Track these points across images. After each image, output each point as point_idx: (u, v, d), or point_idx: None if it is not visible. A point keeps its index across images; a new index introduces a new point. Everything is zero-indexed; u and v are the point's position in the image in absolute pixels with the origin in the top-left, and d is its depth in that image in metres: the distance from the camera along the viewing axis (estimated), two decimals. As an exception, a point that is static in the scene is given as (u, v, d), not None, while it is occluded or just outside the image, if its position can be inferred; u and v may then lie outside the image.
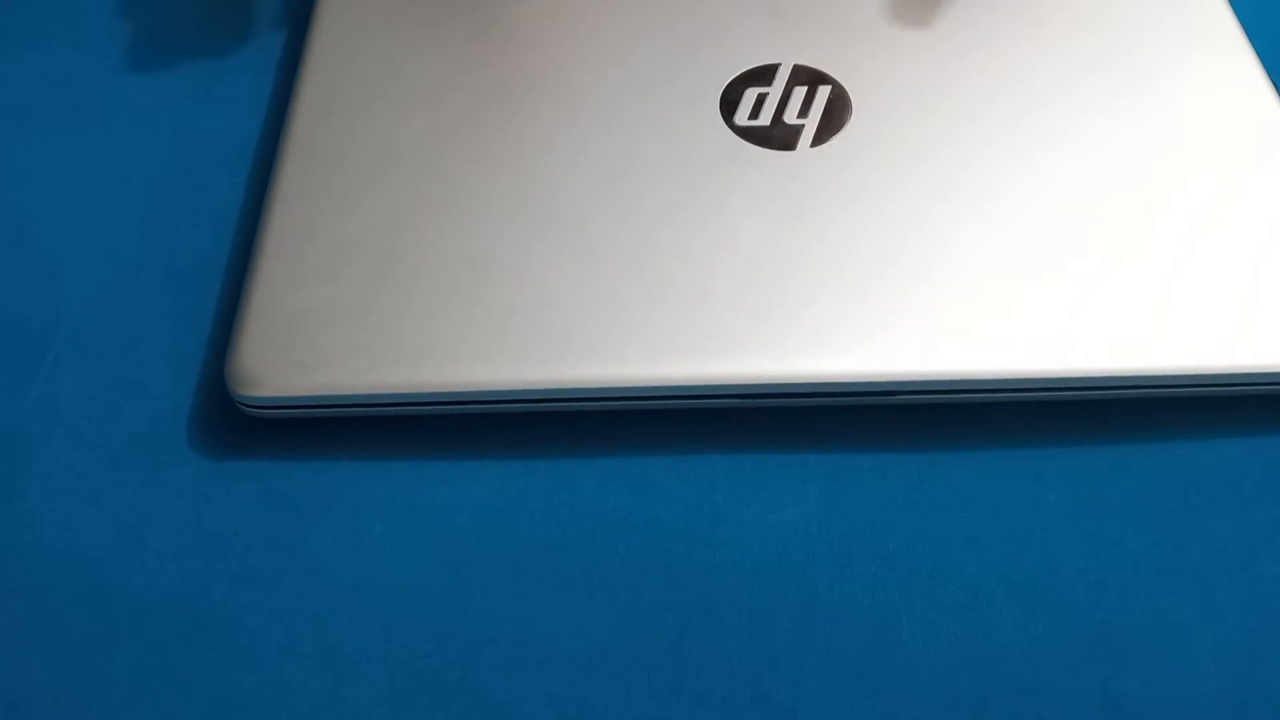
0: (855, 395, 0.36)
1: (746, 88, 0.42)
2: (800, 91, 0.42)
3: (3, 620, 0.33)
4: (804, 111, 0.41)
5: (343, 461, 0.36)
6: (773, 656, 0.32)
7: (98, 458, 0.36)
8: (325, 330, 0.36)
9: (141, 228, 0.41)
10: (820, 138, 0.41)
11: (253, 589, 0.34)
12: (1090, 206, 0.39)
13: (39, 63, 0.47)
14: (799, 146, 0.41)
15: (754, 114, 0.41)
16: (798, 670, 0.32)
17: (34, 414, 0.37)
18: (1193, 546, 0.34)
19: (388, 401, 0.35)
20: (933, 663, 0.32)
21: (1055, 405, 0.36)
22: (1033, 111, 0.42)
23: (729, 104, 0.42)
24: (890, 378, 0.35)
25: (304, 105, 0.42)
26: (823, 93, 0.42)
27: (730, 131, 0.41)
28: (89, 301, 0.39)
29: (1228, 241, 0.38)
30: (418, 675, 0.32)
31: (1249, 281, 0.37)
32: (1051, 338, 0.36)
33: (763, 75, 0.43)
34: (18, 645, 0.33)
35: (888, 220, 0.38)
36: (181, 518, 0.35)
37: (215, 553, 0.34)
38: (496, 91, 0.42)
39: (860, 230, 0.38)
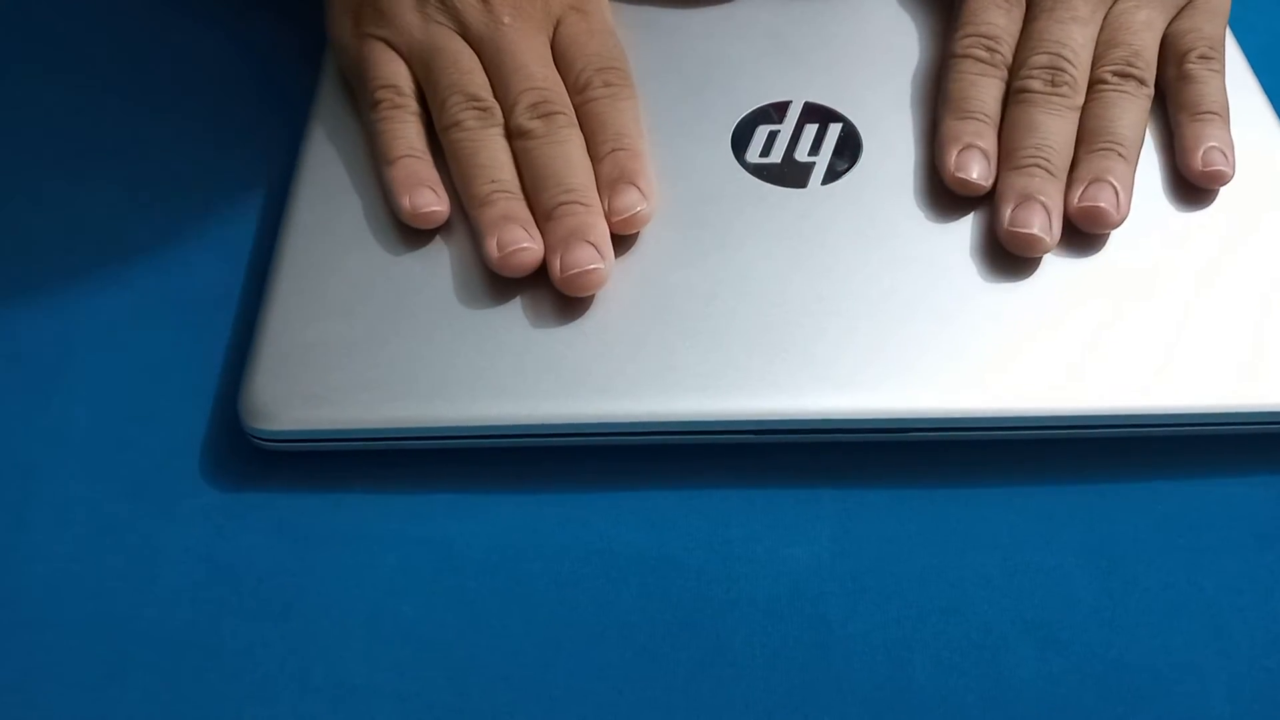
0: (868, 432, 0.36)
1: (758, 125, 0.42)
2: (811, 129, 0.42)
3: (14, 652, 0.33)
4: (815, 149, 0.42)
5: (355, 494, 0.36)
6: (786, 695, 0.32)
7: (109, 489, 0.36)
8: (339, 364, 0.36)
9: (155, 258, 0.41)
10: (831, 175, 0.41)
11: (265, 622, 0.33)
12: (1103, 245, 0.39)
13: (56, 96, 0.47)
14: (810, 184, 0.41)
15: (765, 151, 0.42)
16: (811, 708, 0.32)
17: (45, 444, 0.37)
18: (1206, 586, 0.34)
19: (401, 435, 0.35)
20: (946, 701, 0.32)
21: (1068, 444, 0.37)
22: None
23: (740, 141, 0.42)
24: (903, 415, 0.35)
25: (317, 137, 0.42)
26: (834, 130, 0.42)
27: (741, 169, 0.41)
28: (102, 331, 0.39)
29: (1241, 280, 0.38)
30: (430, 710, 0.32)
31: (1263, 320, 0.37)
32: (1064, 376, 0.36)
33: (774, 113, 0.43)
34: (29, 678, 0.32)
35: (899, 258, 0.39)
36: (193, 549, 0.35)
37: (227, 585, 0.34)
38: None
39: (871, 267, 0.38)
